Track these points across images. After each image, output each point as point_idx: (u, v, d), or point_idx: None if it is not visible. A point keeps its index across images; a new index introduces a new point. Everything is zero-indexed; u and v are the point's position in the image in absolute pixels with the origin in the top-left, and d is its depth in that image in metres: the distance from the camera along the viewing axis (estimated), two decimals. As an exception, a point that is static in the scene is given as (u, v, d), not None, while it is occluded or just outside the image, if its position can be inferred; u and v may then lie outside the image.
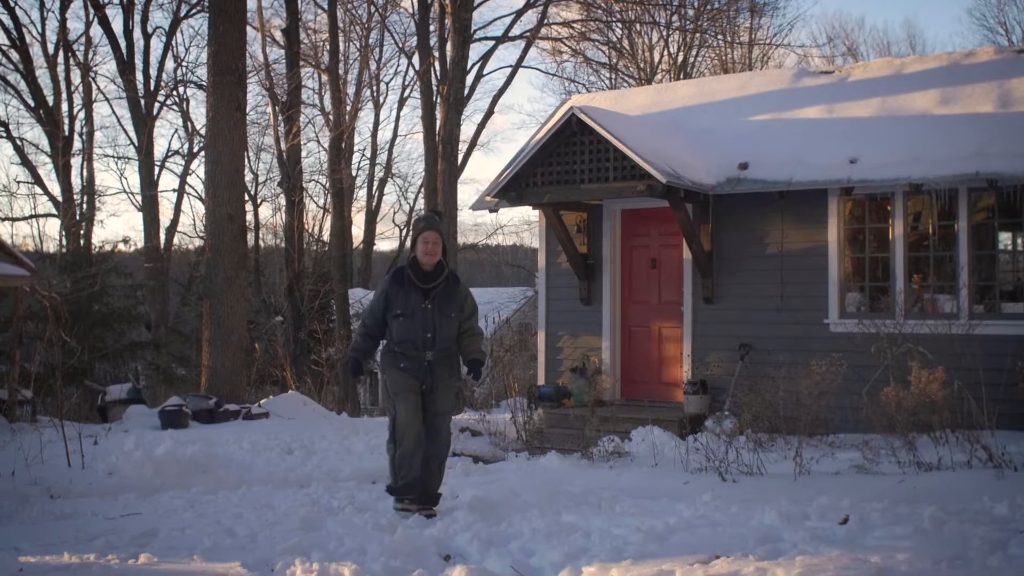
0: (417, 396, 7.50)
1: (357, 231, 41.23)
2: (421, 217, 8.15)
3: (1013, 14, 58.21)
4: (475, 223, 78.34)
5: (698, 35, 31.41)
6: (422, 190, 29.73)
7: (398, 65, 35.79)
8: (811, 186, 12.16)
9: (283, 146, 21.36)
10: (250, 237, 32.61)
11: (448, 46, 22.66)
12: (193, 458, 9.95)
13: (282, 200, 24.13)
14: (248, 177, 36.23)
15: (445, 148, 21.64)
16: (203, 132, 20.28)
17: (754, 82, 14.89)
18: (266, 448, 11.27)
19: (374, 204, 40.93)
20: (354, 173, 37.85)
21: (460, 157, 27.28)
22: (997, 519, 5.41)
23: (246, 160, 24.38)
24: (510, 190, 13.02)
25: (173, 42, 31.90)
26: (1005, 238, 11.96)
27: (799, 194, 12.35)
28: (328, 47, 24.27)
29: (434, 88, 24.22)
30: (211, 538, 6.20)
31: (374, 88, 38.84)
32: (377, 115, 39.89)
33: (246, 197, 27.33)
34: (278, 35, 23.49)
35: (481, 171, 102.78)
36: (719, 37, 34.77)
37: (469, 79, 25.05)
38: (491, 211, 14.44)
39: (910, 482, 7.43)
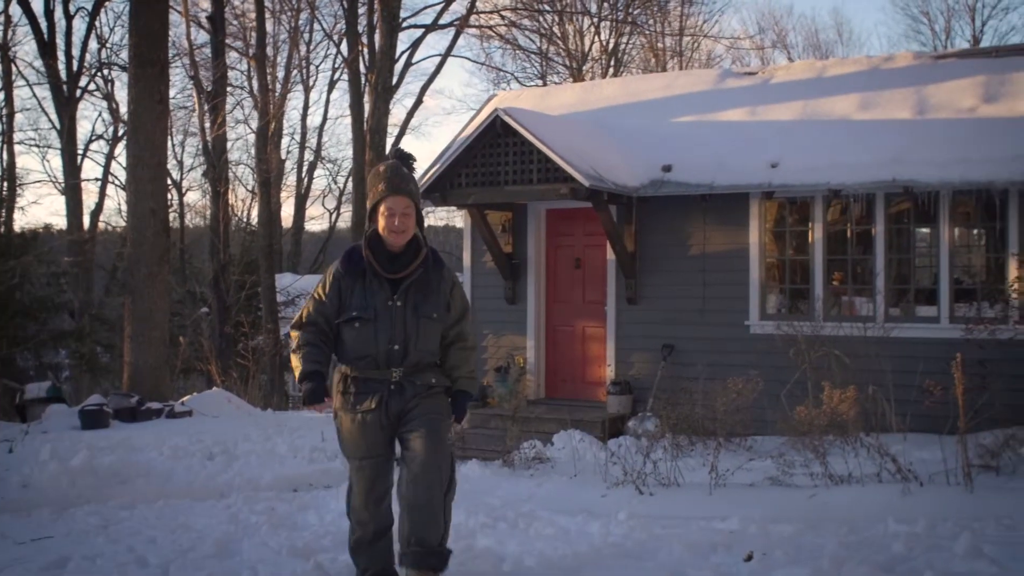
0: (378, 460, 5.25)
1: (288, 213, 40.93)
2: (383, 169, 5.25)
3: (936, 4, 59.25)
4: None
5: (628, 24, 31.46)
6: (351, 177, 29.49)
7: (328, 48, 35.43)
8: (733, 190, 12.29)
9: (208, 136, 21.07)
10: (176, 220, 32.25)
11: (377, 35, 22.48)
12: (111, 468, 9.80)
13: (209, 188, 23.80)
14: (175, 162, 35.84)
15: (373, 137, 21.50)
16: (126, 119, 19.94)
17: (679, 82, 14.99)
18: (187, 454, 11.14)
19: (304, 188, 40.60)
20: (283, 156, 37.51)
21: (390, 143, 27.14)
22: (895, 557, 5.53)
23: (171, 147, 24.05)
24: (434, 191, 12.99)
25: (96, 23, 31.34)
26: (921, 243, 12.17)
27: (722, 197, 12.47)
28: (255, 33, 23.93)
29: (363, 76, 24.03)
30: (122, 569, 6.12)
31: (303, 71, 38.51)
32: (307, 98, 39.74)
33: (170, 184, 27.00)
34: (204, 21, 23.10)
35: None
36: (650, 22, 34.92)
37: (398, 67, 24.91)
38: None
39: (821, 497, 7.56)
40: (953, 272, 11.67)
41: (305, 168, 40.86)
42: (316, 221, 67.71)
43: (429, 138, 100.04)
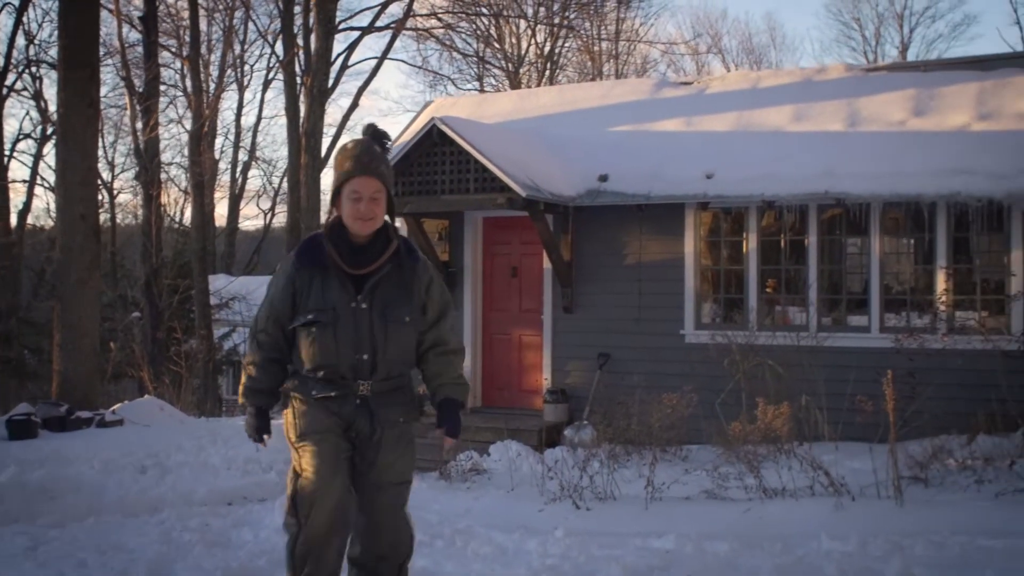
0: (339, 440, 4.41)
1: (221, 213, 40.50)
2: (351, 146, 4.45)
3: (867, 11, 60.22)
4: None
5: (565, 28, 31.57)
6: (286, 177, 29.22)
7: (263, 47, 35.10)
8: (669, 200, 12.37)
9: (141, 138, 20.76)
10: (107, 221, 31.72)
11: (313, 37, 22.32)
12: (40, 484, 9.61)
13: (141, 190, 23.44)
14: (106, 163, 35.25)
15: (309, 141, 21.35)
16: (55, 121, 19.59)
17: (616, 91, 15.07)
18: (119, 467, 10.96)
19: (238, 188, 40.20)
20: (217, 157, 37.11)
21: (327, 144, 26.96)
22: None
23: (102, 148, 23.64)
24: (371, 199, 12.89)
25: (24, 19, 30.69)
26: (852, 253, 12.34)
27: (658, 207, 12.55)
28: (189, 33, 23.63)
29: (298, 79, 23.85)
30: (50, 597, 6.01)
31: (238, 70, 38.12)
32: (241, 97, 39.35)
33: (100, 185, 26.56)
34: (136, 21, 22.74)
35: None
36: (586, 26, 35.06)
37: (334, 69, 24.74)
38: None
39: (756, 511, 7.64)
40: (884, 282, 11.86)
41: (239, 168, 40.44)
42: (251, 221, 67.14)
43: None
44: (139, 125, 21.34)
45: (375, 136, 4.49)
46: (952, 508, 7.41)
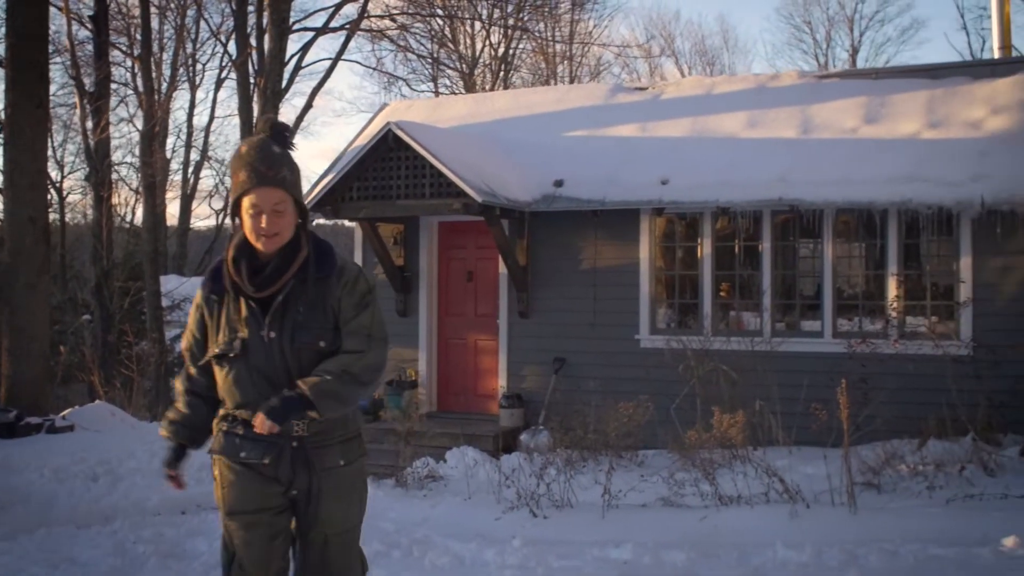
0: (274, 519, 3.86)
1: (174, 212, 40.12)
2: (244, 150, 3.80)
3: (817, 14, 60.83)
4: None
5: (519, 31, 31.59)
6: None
7: (215, 47, 34.80)
8: (624, 206, 12.42)
9: (91, 139, 20.48)
10: (57, 222, 31.27)
11: (266, 38, 22.16)
12: (-10, 493, 9.49)
13: (91, 192, 23.14)
14: (55, 163, 34.76)
15: (262, 142, 21.12)
16: (2, 122, 19.29)
17: (571, 96, 15.09)
18: (70, 475, 10.81)
19: (190, 188, 39.83)
20: (169, 156, 36.74)
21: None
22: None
23: (51, 147, 23.31)
24: (325, 204, 12.84)
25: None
26: (806, 258, 12.47)
27: (613, 212, 12.60)
28: (140, 32, 23.37)
29: (251, 80, 23.67)
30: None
31: (190, 69, 37.74)
32: (193, 96, 38.83)
33: (49, 186, 26.19)
34: (86, 20, 22.43)
35: (297, 157, 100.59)
36: (540, 27, 35.11)
37: (288, 70, 24.55)
38: (307, 221, 14.16)
39: (712, 519, 7.69)
40: (837, 288, 11.98)
41: (191, 168, 40.05)
42: (203, 221, 66.49)
43: (317, 136, 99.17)
44: (89, 125, 21.04)
45: (274, 132, 3.82)
46: (904, 515, 7.50)
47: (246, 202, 3.72)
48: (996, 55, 15.79)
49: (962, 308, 11.23)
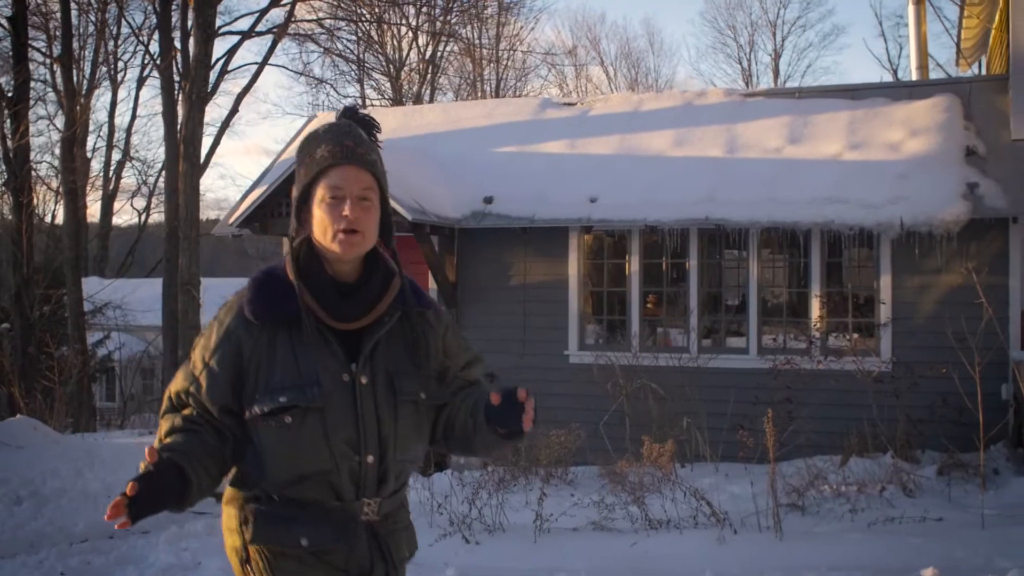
0: None
1: (95, 213, 39.46)
2: (324, 130, 2.91)
3: (741, 18, 61.69)
4: (217, 197, 76.09)
5: (445, 35, 31.62)
6: (164, 180, 28.58)
7: (137, 44, 34.26)
8: (553, 223, 12.54)
9: (10, 144, 20.09)
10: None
11: (191, 42, 21.91)
12: (-91, 522, 9.31)
13: (10, 199, 22.69)
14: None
15: (187, 148, 20.91)
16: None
17: (500, 110, 15.18)
18: (-8, 499, 10.67)
19: (111, 187, 39.20)
20: (90, 155, 36.14)
21: (208, 144, 26.51)
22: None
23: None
24: (254, 220, 12.79)
25: None
26: (732, 275, 12.70)
27: (542, 229, 12.71)
28: (60, 33, 22.99)
29: (176, 83, 23.39)
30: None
31: (112, 67, 37.15)
32: (115, 95, 38.16)
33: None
34: (4, 21, 21.99)
35: (222, 156, 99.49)
36: (468, 28, 35.17)
37: (214, 73, 24.29)
38: (233, 236, 14.10)
39: (642, 545, 7.82)
40: (762, 306, 12.22)
41: (113, 167, 39.41)
42: (125, 217, 65.47)
43: (242, 136, 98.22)
44: (7, 127, 20.62)
45: (361, 123, 2.99)
46: (829, 541, 7.70)
47: (322, 187, 2.76)
48: (914, 75, 16.19)
49: (882, 328, 11.53)
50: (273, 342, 2.77)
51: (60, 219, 31.27)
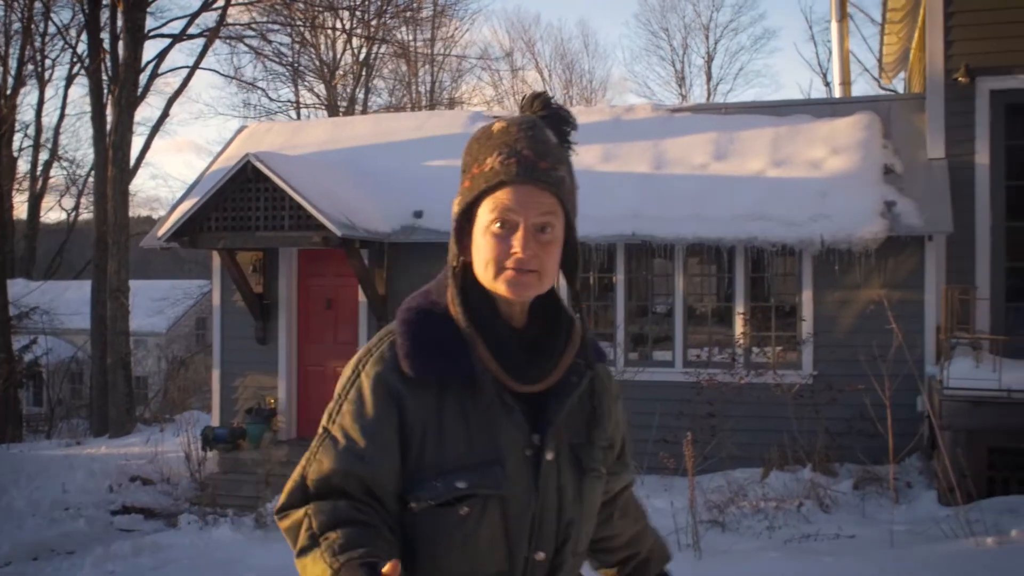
0: None
1: (21, 214, 38.81)
2: (501, 129, 2.12)
3: (674, 21, 62.25)
4: (148, 196, 75.17)
5: (378, 39, 31.58)
6: (93, 182, 28.21)
7: (64, 43, 33.73)
8: (482, 238, 12.62)
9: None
10: None
11: (120, 46, 21.68)
12: None
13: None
14: None
15: (116, 153, 20.71)
16: None
17: (431, 123, 15.23)
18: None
19: (39, 187, 38.55)
20: (16, 154, 35.54)
21: (138, 145, 26.28)
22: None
23: None
24: (183, 234, 12.75)
25: None
26: (658, 291, 12.89)
27: (471, 243, 12.78)
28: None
29: (105, 84, 23.14)
30: None
31: (39, 64, 36.53)
32: (42, 93, 37.49)
33: None
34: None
35: (153, 155, 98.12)
36: (402, 29, 35.14)
37: (144, 76, 24.03)
38: (162, 248, 14.02)
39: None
40: (687, 320, 12.43)
41: (40, 167, 38.76)
42: (53, 214, 64.34)
43: (172, 135, 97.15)
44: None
45: (551, 117, 2.19)
46: (746, 559, 7.90)
47: (489, 209, 2.10)
48: (837, 91, 16.53)
49: (803, 343, 11.80)
50: (441, 407, 2.08)
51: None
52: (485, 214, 2.10)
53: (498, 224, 2.08)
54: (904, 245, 11.52)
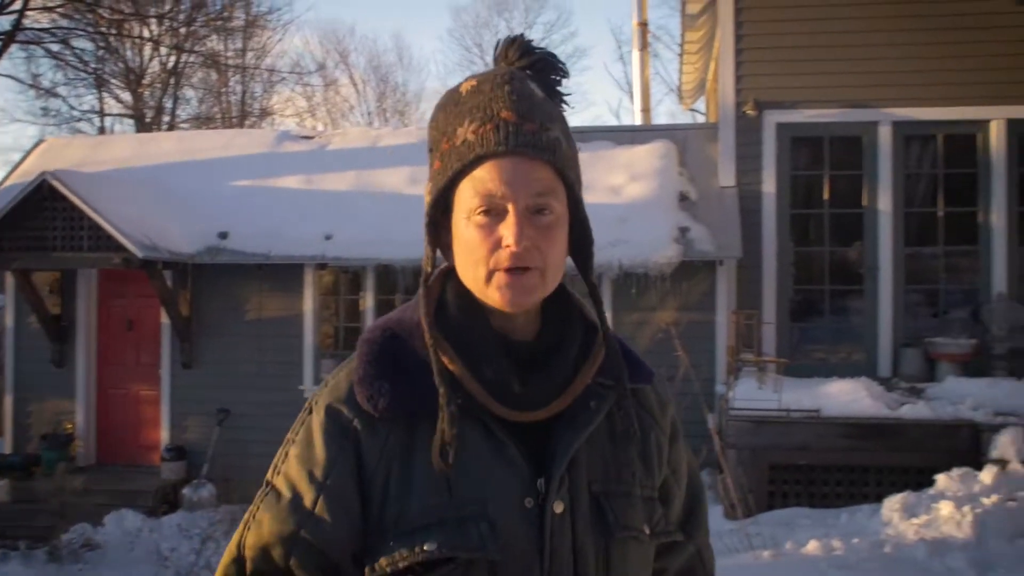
0: None
1: None
2: (478, 85, 1.66)
3: (488, 37, 62.91)
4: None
5: (187, 50, 30.99)
6: None
7: None
8: (288, 261, 12.62)
9: None
10: None
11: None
12: None
13: None
14: None
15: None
16: None
17: (238, 142, 15.06)
18: None
19: None
20: None
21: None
22: None
23: None
24: (-28, 254, 12.28)
25: None
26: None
27: (278, 265, 12.75)
28: None
29: None
30: None
31: None
32: None
33: None
34: None
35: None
36: (213, 38, 34.50)
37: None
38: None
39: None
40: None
41: None
42: None
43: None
44: None
45: (536, 66, 1.77)
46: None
47: (469, 192, 1.64)
48: (638, 118, 17.12)
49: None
50: (409, 446, 1.62)
51: None
52: (464, 201, 1.63)
53: (481, 211, 1.61)
54: (697, 269, 12.04)
